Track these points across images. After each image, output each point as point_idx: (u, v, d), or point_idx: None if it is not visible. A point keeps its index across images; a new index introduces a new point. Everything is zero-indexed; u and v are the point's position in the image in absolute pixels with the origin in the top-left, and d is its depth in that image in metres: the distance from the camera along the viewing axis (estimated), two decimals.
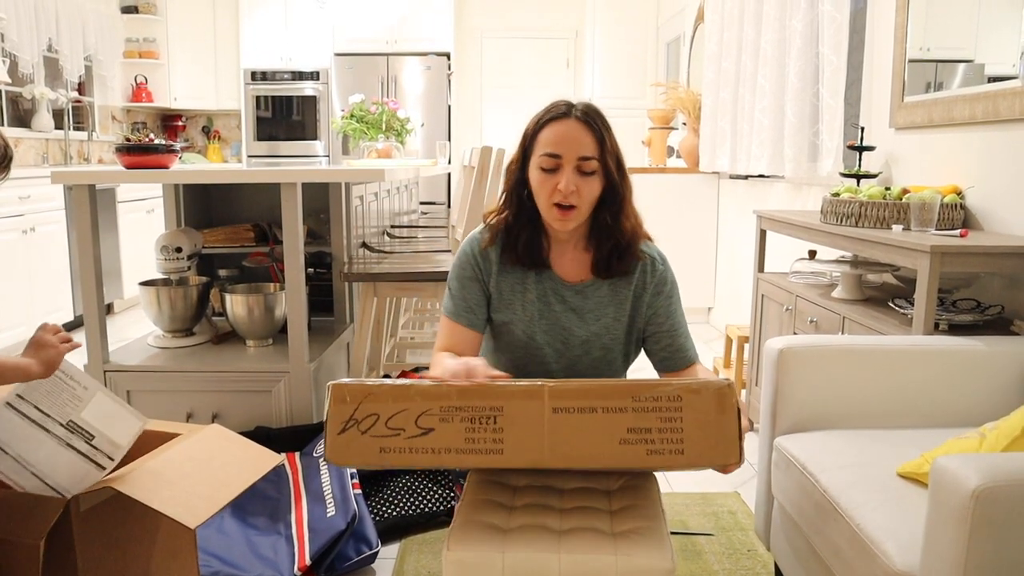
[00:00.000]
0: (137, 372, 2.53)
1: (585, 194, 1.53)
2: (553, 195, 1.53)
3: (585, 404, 1.25)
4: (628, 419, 1.25)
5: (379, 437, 1.27)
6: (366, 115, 4.48)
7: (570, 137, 1.52)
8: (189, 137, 7.68)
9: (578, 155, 1.52)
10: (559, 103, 1.58)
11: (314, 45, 7.05)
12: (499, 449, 1.26)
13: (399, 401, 1.27)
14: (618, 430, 1.25)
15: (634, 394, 1.25)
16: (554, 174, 1.53)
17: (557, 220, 1.55)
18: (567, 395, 1.26)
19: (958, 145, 2.48)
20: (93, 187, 2.46)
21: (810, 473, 1.61)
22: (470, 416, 1.26)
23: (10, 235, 4.24)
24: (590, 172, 1.53)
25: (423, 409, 1.26)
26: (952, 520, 1.11)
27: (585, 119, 1.54)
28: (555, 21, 7.51)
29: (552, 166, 1.53)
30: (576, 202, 1.53)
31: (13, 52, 5.38)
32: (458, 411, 1.26)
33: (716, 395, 1.25)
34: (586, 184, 1.53)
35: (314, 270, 3.09)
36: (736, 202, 4.76)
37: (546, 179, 1.53)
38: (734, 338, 3.43)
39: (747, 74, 4.03)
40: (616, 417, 1.25)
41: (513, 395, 1.26)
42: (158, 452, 1.55)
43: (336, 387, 1.29)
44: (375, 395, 1.28)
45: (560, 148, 1.52)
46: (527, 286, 1.63)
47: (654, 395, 1.25)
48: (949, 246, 1.94)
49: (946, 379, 1.83)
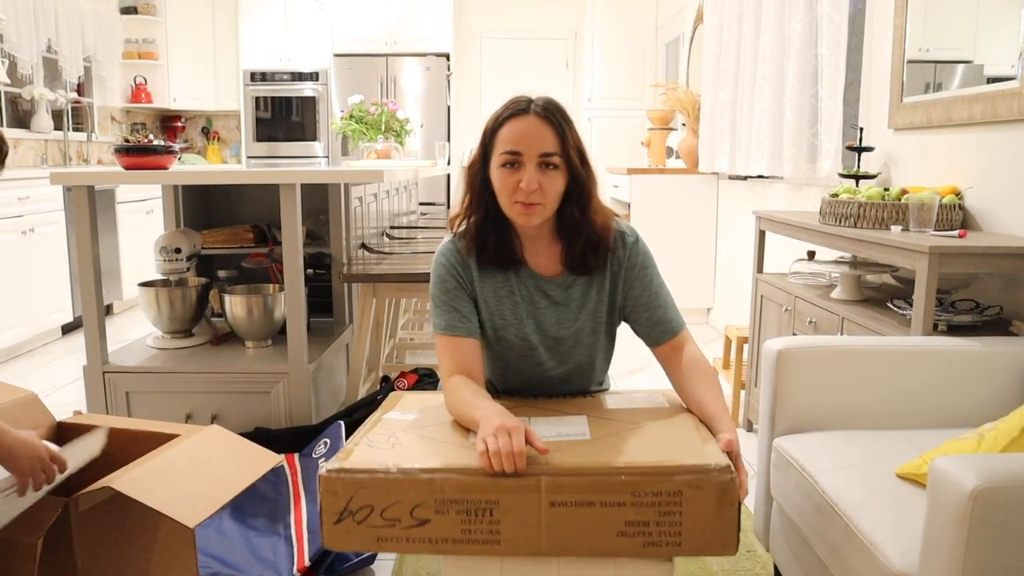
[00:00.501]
0: (136, 373, 2.53)
1: (549, 190, 1.51)
2: (515, 193, 1.50)
3: (583, 498, 1.23)
4: (626, 513, 1.23)
5: (375, 527, 1.26)
6: (365, 116, 4.48)
7: (530, 133, 1.49)
8: (188, 138, 7.68)
9: (539, 152, 1.49)
10: (518, 99, 1.55)
11: (313, 46, 7.05)
12: (496, 540, 1.24)
13: (392, 493, 1.25)
14: (616, 523, 1.23)
15: (634, 489, 1.22)
16: (515, 171, 1.50)
17: (521, 216, 1.53)
18: (564, 489, 1.23)
19: (957, 146, 2.48)
20: (92, 188, 2.46)
21: (809, 474, 1.61)
22: (465, 508, 1.24)
23: (9, 236, 4.24)
24: (552, 167, 1.50)
25: (417, 502, 1.24)
26: (951, 521, 1.11)
27: (545, 114, 1.51)
28: (554, 22, 7.52)
29: (513, 162, 1.50)
30: (540, 199, 1.50)
31: (12, 53, 5.38)
32: (453, 504, 1.24)
33: (718, 489, 1.22)
34: (549, 180, 1.50)
35: (313, 271, 3.09)
36: (735, 203, 4.77)
37: (508, 177, 1.50)
38: (733, 339, 3.43)
39: (746, 75, 4.03)
40: (614, 511, 1.23)
41: (508, 489, 1.23)
42: (157, 452, 1.55)
43: (326, 480, 1.26)
44: (367, 488, 1.25)
45: (520, 145, 1.49)
46: (510, 288, 1.61)
47: (654, 491, 1.22)
48: (948, 247, 1.95)
49: (945, 380, 1.83)
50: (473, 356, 1.58)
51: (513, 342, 1.62)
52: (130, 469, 1.45)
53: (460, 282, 1.61)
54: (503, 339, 1.63)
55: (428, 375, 3.10)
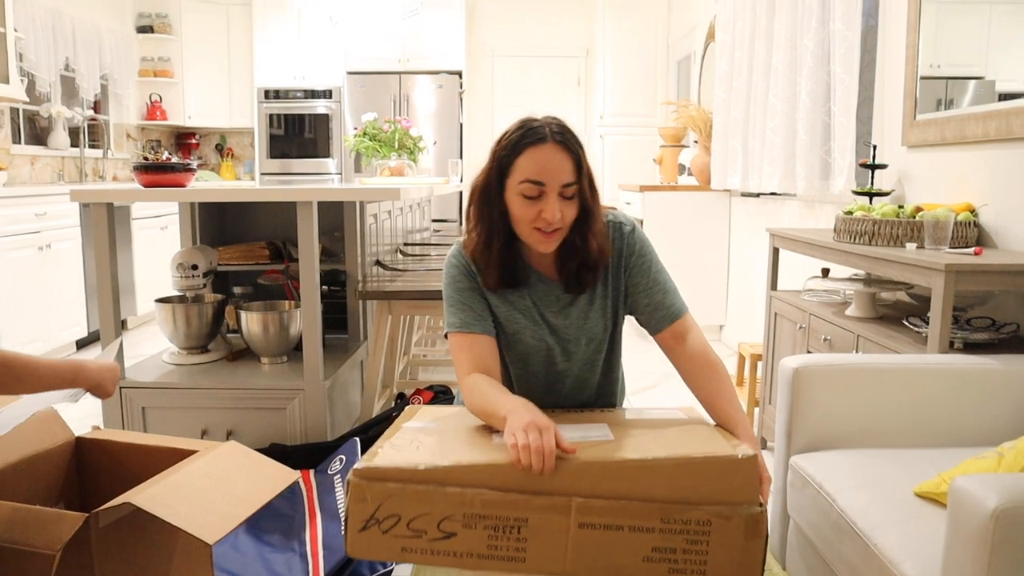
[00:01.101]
0: (152, 389, 2.55)
1: (568, 218, 1.52)
2: (537, 221, 1.51)
3: (612, 521, 1.23)
4: (654, 539, 1.23)
5: (401, 537, 1.26)
6: (378, 133, 4.51)
7: (552, 165, 1.49)
8: (202, 155, 7.75)
9: (561, 183, 1.49)
10: (533, 124, 1.53)
11: (327, 64, 7.11)
12: (521, 558, 1.24)
13: (422, 504, 1.25)
14: (643, 548, 1.24)
15: (664, 516, 1.23)
16: (537, 201, 1.49)
17: (540, 243, 1.54)
18: (595, 511, 1.23)
19: (971, 163, 2.48)
20: (111, 205, 2.48)
21: (827, 492, 1.60)
22: (493, 524, 1.24)
23: (26, 251, 4.28)
24: (571, 197, 1.52)
25: (445, 514, 1.24)
26: (971, 541, 1.11)
27: (563, 141, 1.51)
28: (566, 40, 7.56)
29: (536, 194, 1.49)
30: (560, 226, 1.52)
31: (31, 71, 5.45)
32: (481, 519, 1.24)
33: (747, 522, 1.22)
34: (568, 208, 1.52)
35: (328, 288, 3.10)
36: (748, 220, 4.77)
37: (529, 206, 1.50)
38: (747, 356, 3.42)
39: (758, 93, 4.05)
40: (642, 536, 1.23)
41: (539, 508, 1.24)
42: (176, 468, 1.56)
43: (356, 486, 1.26)
44: (396, 496, 1.25)
45: (544, 176, 1.49)
46: (520, 293, 1.63)
47: (683, 518, 1.23)
48: (963, 264, 1.94)
49: (962, 398, 1.82)
50: (490, 353, 1.58)
51: (530, 343, 1.64)
52: (149, 485, 1.46)
53: (473, 283, 1.62)
54: (521, 341, 1.64)
55: (443, 392, 3.11)
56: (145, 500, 1.39)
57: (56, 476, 1.76)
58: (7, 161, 5.25)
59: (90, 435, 1.83)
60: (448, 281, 1.64)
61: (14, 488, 1.64)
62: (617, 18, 6.94)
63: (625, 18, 6.94)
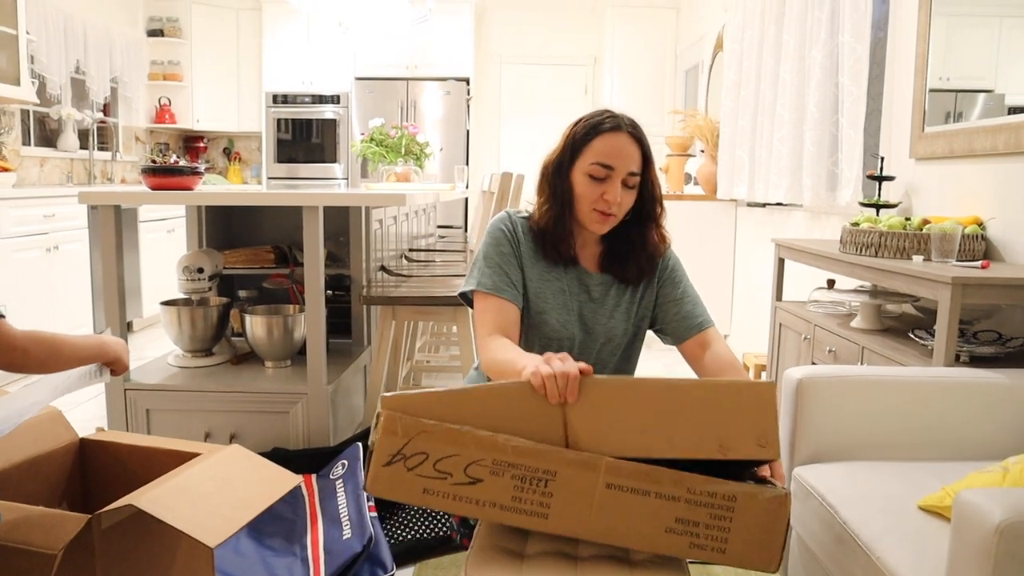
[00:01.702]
0: (157, 391, 2.55)
1: (625, 205, 1.60)
2: (598, 203, 1.58)
3: (639, 485, 1.22)
4: (679, 509, 1.22)
5: (425, 477, 1.24)
6: (385, 139, 4.52)
7: (624, 152, 1.57)
8: (210, 158, 7.77)
9: (628, 170, 1.58)
10: (607, 113, 1.61)
11: (335, 69, 7.14)
12: (544, 513, 1.23)
13: (452, 445, 1.23)
14: (666, 518, 1.23)
15: (691, 486, 1.22)
16: (602, 183, 1.57)
17: (596, 223, 1.61)
18: (624, 473, 1.23)
19: (979, 176, 2.48)
20: (119, 207, 2.49)
21: (830, 505, 1.60)
22: (521, 475, 1.22)
23: (34, 252, 4.29)
24: (632, 186, 1.60)
25: (475, 458, 1.23)
26: (976, 555, 1.10)
27: (634, 134, 1.60)
28: (574, 48, 7.58)
29: (603, 175, 1.57)
30: (616, 212, 1.59)
31: (42, 73, 5.48)
32: (510, 467, 1.22)
33: (772, 502, 1.22)
34: (627, 196, 1.60)
35: (333, 292, 3.11)
36: (754, 230, 4.76)
37: (593, 186, 1.58)
38: (751, 366, 3.42)
39: (766, 103, 4.05)
40: (667, 504, 1.22)
41: (570, 463, 1.23)
42: (179, 471, 1.56)
43: (389, 417, 1.23)
44: (428, 433, 1.23)
45: (614, 160, 1.57)
46: (557, 275, 1.67)
47: (710, 491, 1.22)
48: (970, 277, 1.94)
49: (967, 411, 1.81)
50: (513, 321, 1.61)
51: (554, 327, 1.66)
52: (152, 487, 1.46)
53: (514, 249, 1.65)
54: (546, 323, 1.66)
55: None
56: (147, 502, 1.40)
57: (60, 477, 1.76)
58: (17, 162, 5.27)
59: (94, 437, 1.83)
60: (491, 241, 1.66)
61: (17, 488, 1.65)
62: (625, 27, 6.96)
63: (633, 27, 6.96)
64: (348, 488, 2.29)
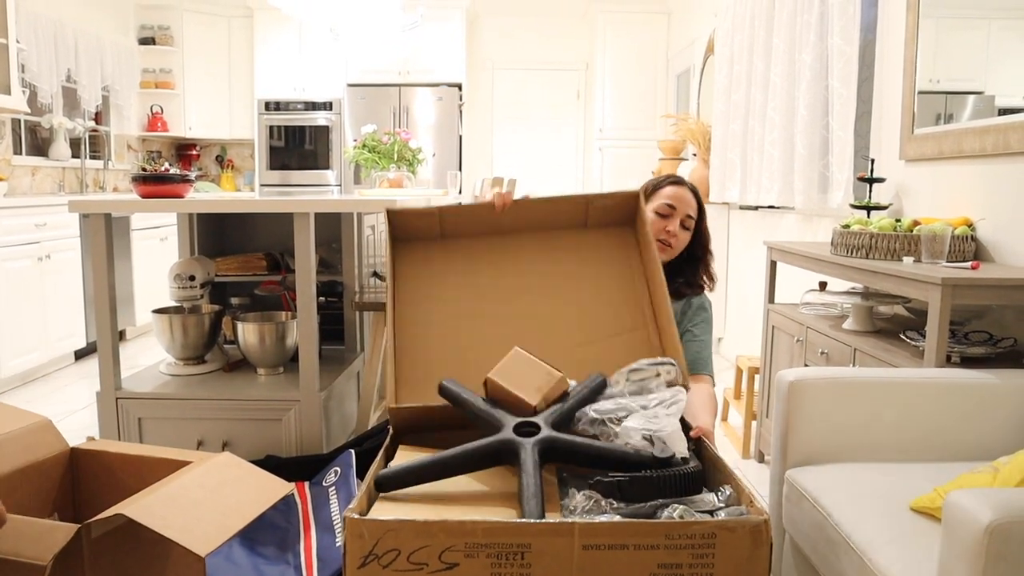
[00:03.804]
0: (149, 400, 2.54)
1: (682, 240, 2.10)
2: (660, 234, 2.06)
3: (616, 541, 1.23)
4: (660, 555, 1.23)
5: (401, 572, 1.24)
6: (378, 145, 4.52)
7: (684, 199, 2.09)
8: (203, 166, 7.76)
9: (685, 212, 2.08)
10: (670, 175, 2.17)
11: (327, 76, 7.14)
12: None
13: (421, 537, 1.23)
14: (649, 566, 1.23)
15: (668, 532, 1.23)
16: (666, 220, 2.07)
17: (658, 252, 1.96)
18: (598, 532, 1.23)
19: (969, 177, 2.48)
20: (109, 216, 2.48)
21: (822, 507, 1.60)
22: (496, 552, 1.22)
23: (26, 262, 4.28)
24: (687, 228, 2.09)
25: (447, 545, 1.22)
26: (966, 556, 1.10)
27: (693, 191, 2.12)
28: (565, 53, 7.59)
29: (667, 213, 2.07)
30: (674, 244, 2.08)
31: (33, 82, 5.47)
32: (483, 547, 1.22)
33: (751, 533, 1.23)
34: (684, 234, 2.10)
35: (325, 299, 3.10)
36: (746, 233, 4.77)
37: (659, 221, 2.08)
38: (744, 369, 3.42)
39: (757, 106, 4.06)
40: (647, 553, 1.23)
41: (541, 532, 1.23)
42: (169, 480, 1.55)
43: (352, 522, 1.24)
44: (395, 531, 1.23)
45: (676, 202, 2.08)
46: None
47: (688, 533, 1.23)
48: (960, 278, 1.94)
49: (958, 412, 1.82)
50: None
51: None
52: (142, 496, 1.46)
53: None
54: None
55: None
56: (137, 511, 1.39)
57: (50, 487, 1.75)
58: (8, 172, 5.26)
59: (85, 446, 1.82)
60: None
61: (8, 498, 1.64)
62: (617, 32, 6.98)
63: (625, 32, 6.98)
64: (341, 495, 2.29)
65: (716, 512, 1.32)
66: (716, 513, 1.31)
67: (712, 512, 1.32)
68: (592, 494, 1.36)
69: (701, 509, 1.32)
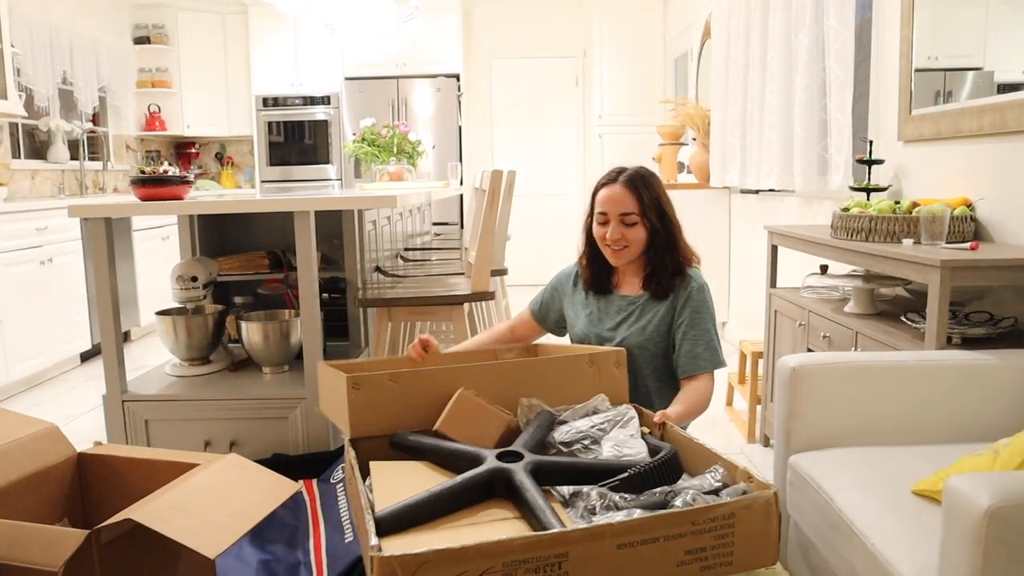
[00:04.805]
0: (155, 401, 2.56)
1: (632, 239, 2.03)
2: (602, 241, 2.07)
3: (648, 536, 1.25)
4: (686, 542, 1.27)
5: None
6: (377, 138, 4.53)
7: (615, 198, 2.03)
8: (202, 164, 7.77)
9: (619, 212, 2.02)
10: (612, 171, 2.09)
11: (324, 70, 7.13)
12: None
13: (458, 564, 1.19)
14: (677, 554, 1.27)
15: (694, 519, 1.27)
16: (605, 226, 2.05)
17: (611, 257, 2.08)
18: (631, 530, 1.25)
19: (967, 157, 2.48)
20: (109, 220, 2.49)
21: (825, 492, 1.61)
22: (535, 566, 1.22)
23: (28, 266, 4.30)
24: (632, 224, 2.02)
25: (484, 568, 1.20)
26: (966, 540, 1.11)
27: (628, 183, 2.03)
28: (563, 40, 7.57)
29: (603, 220, 2.05)
30: (624, 245, 2.03)
31: (29, 86, 5.47)
32: (522, 564, 1.21)
33: (765, 506, 1.31)
34: (631, 231, 2.03)
35: (328, 295, 3.11)
36: (747, 217, 4.77)
37: (600, 230, 2.07)
38: (748, 354, 3.42)
39: (755, 90, 4.05)
40: (676, 543, 1.26)
41: (578, 538, 1.23)
42: (177, 483, 1.57)
43: (383, 561, 1.18)
44: (429, 563, 1.19)
45: (607, 206, 2.04)
46: (588, 303, 2.18)
47: (710, 516, 1.27)
48: (960, 260, 1.94)
49: (960, 394, 1.82)
50: (521, 323, 2.31)
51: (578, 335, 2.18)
52: (150, 500, 1.47)
53: (563, 287, 2.27)
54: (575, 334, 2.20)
55: None
56: (146, 515, 1.40)
57: (59, 493, 1.77)
58: (7, 176, 5.27)
59: (92, 451, 1.84)
60: (556, 276, 2.31)
61: (17, 505, 1.65)
62: (613, 17, 6.95)
63: (621, 17, 6.95)
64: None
65: (719, 492, 1.35)
66: (719, 493, 1.35)
67: (716, 492, 1.35)
68: (604, 491, 1.39)
69: (707, 490, 1.36)
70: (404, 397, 1.77)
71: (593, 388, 1.84)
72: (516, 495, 1.42)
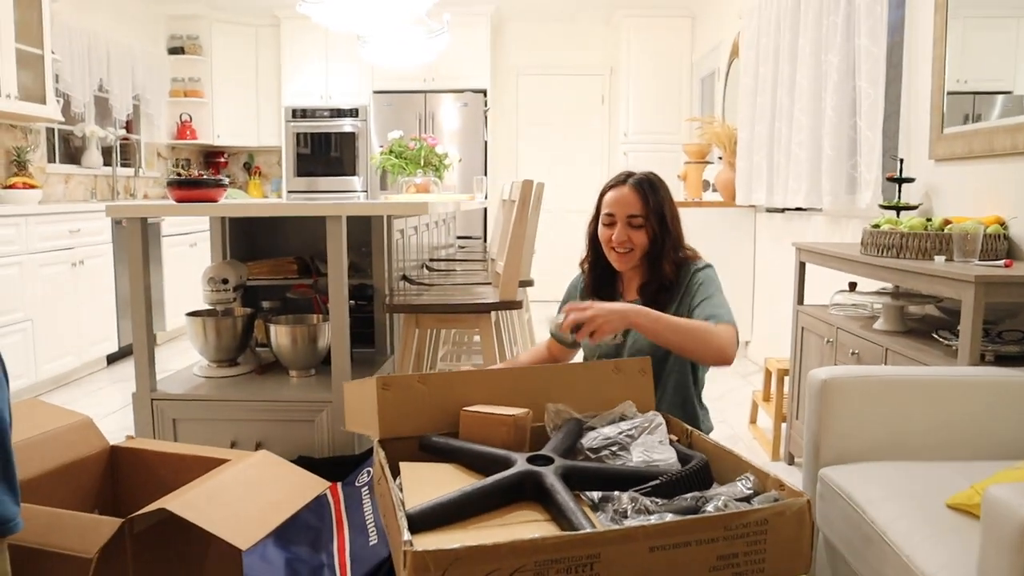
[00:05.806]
0: (183, 401, 2.58)
1: (636, 242, 2.01)
2: (608, 243, 2.04)
3: (680, 540, 1.25)
4: (719, 548, 1.26)
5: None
6: (404, 151, 4.56)
7: (622, 200, 2.01)
8: (231, 173, 7.86)
9: (627, 214, 2.00)
10: (620, 173, 2.06)
11: (353, 83, 7.21)
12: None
13: (489, 561, 1.19)
14: (709, 559, 1.26)
15: (727, 524, 1.26)
16: (611, 228, 2.03)
17: (615, 261, 2.06)
18: (664, 533, 1.24)
19: (1000, 176, 2.47)
20: (145, 220, 2.53)
21: (857, 504, 1.59)
22: (566, 567, 1.21)
23: (60, 267, 4.36)
24: (638, 226, 2.00)
25: (516, 566, 1.20)
26: (1007, 551, 1.10)
27: (636, 185, 2.01)
28: (590, 58, 7.61)
29: (609, 222, 2.04)
30: (629, 248, 2.01)
31: (66, 92, 5.58)
32: (554, 563, 1.21)
33: (798, 513, 1.30)
34: (636, 234, 2.01)
35: (355, 302, 3.13)
36: (773, 235, 4.75)
37: (606, 232, 2.05)
38: (773, 371, 3.40)
39: (783, 108, 4.05)
40: (708, 547, 1.25)
41: (611, 540, 1.23)
42: (209, 476, 1.58)
43: (415, 556, 1.18)
44: (462, 559, 1.19)
45: (614, 208, 2.03)
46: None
47: (743, 522, 1.26)
48: (994, 276, 1.93)
49: (993, 410, 1.80)
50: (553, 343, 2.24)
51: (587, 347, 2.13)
52: (184, 492, 1.48)
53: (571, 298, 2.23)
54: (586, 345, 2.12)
55: None
56: (179, 506, 1.42)
57: (92, 483, 1.79)
58: (42, 179, 5.36)
59: (124, 444, 1.86)
60: (565, 292, 2.30)
61: (51, 494, 1.68)
62: (641, 36, 6.99)
63: (649, 36, 6.98)
64: (373, 496, 2.31)
65: (750, 500, 1.35)
66: (751, 500, 1.34)
67: (748, 500, 1.35)
68: (635, 495, 1.38)
69: (738, 497, 1.35)
70: (432, 399, 1.78)
71: (619, 395, 1.84)
72: (546, 497, 1.42)
